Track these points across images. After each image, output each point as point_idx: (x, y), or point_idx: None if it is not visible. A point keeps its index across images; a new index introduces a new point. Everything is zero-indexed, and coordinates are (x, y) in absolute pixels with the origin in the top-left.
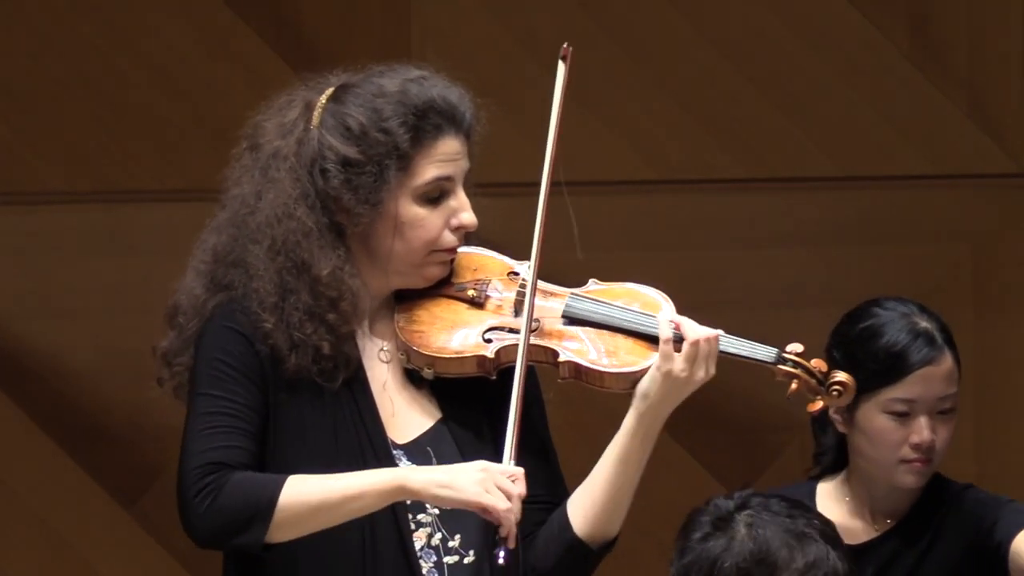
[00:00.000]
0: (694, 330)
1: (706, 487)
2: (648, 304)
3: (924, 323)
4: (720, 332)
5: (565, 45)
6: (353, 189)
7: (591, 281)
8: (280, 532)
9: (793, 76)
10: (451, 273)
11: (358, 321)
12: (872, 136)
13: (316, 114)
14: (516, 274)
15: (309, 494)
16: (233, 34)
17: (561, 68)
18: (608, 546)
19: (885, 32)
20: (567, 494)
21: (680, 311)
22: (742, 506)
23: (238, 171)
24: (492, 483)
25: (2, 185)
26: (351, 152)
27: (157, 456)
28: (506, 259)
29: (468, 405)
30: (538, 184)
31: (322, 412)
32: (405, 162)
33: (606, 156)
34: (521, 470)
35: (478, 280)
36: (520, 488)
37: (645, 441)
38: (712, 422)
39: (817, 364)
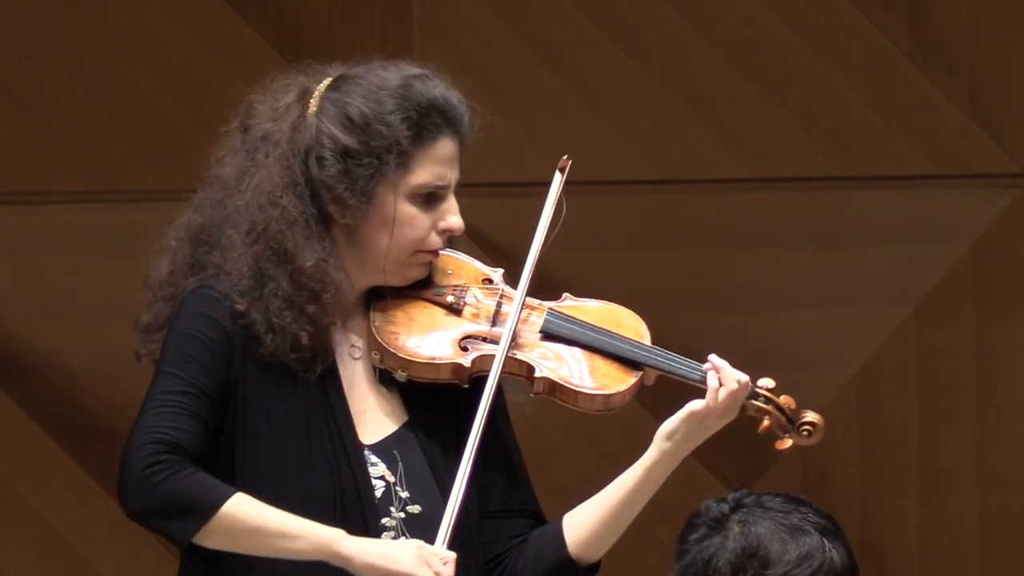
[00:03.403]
0: (731, 377)
1: (707, 487)
2: (625, 327)
3: None
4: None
5: (565, 157)
6: (349, 180)
7: (565, 296)
8: (210, 538)
9: (793, 76)
10: (428, 275)
11: (338, 315)
12: (872, 136)
13: (314, 101)
14: (491, 281)
15: (250, 514)
16: (233, 34)
17: (557, 177)
18: (595, 568)
19: (885, 32)
20: (536, 502)
21: (680, 311)
22: (736, 507)
23: (224, 150)
24: (427, 562)
25: (2, 185)
26: (351, 142)
27: None
28: (480, 265)
29: (435, 410)
30: (535, 182)
31: (294, 401)
32: (404, 159)
33: (606, 156)
34: (453, 555)
35: (457, 286)
36: (450, 572)
37: (660, 477)
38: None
39: (787, 401)
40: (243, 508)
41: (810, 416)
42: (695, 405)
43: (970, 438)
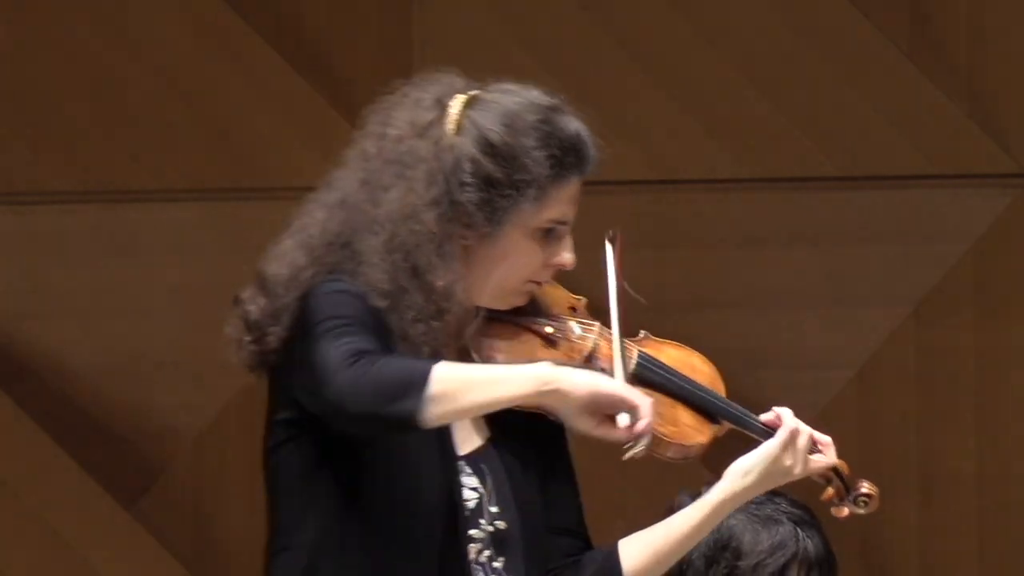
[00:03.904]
0: (817, 434)
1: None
2: (699, 373)
3: None
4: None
5: (611, 233)
6: (487, 207)
7: (643, 334)
8: (435, 406)
9: (793, 76)
10: (529, 302)
11: (455, 335)
12: (872, 136)
13: (453, 119)
14: (575, 310)
15: (457, 371)
16: (233, 34)
17: (609, 250)
18: None
19: (885, 32)
20: (586, 527)
21: (681, 311)
22: None
23: (357, 154)
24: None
25: (2, 185)
26: (494, 171)
27: (157, 456)
28: (565, 291)
29: (514, 431)
30: None
31: None
32: (540, 193)
33: (606, 156)
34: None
35: (555, 317)
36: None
37: (726, 513)
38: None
39: (847, 471)
40: (448, 368)
41: (866, 488)
42: (774, 449)
43: (970, 438)
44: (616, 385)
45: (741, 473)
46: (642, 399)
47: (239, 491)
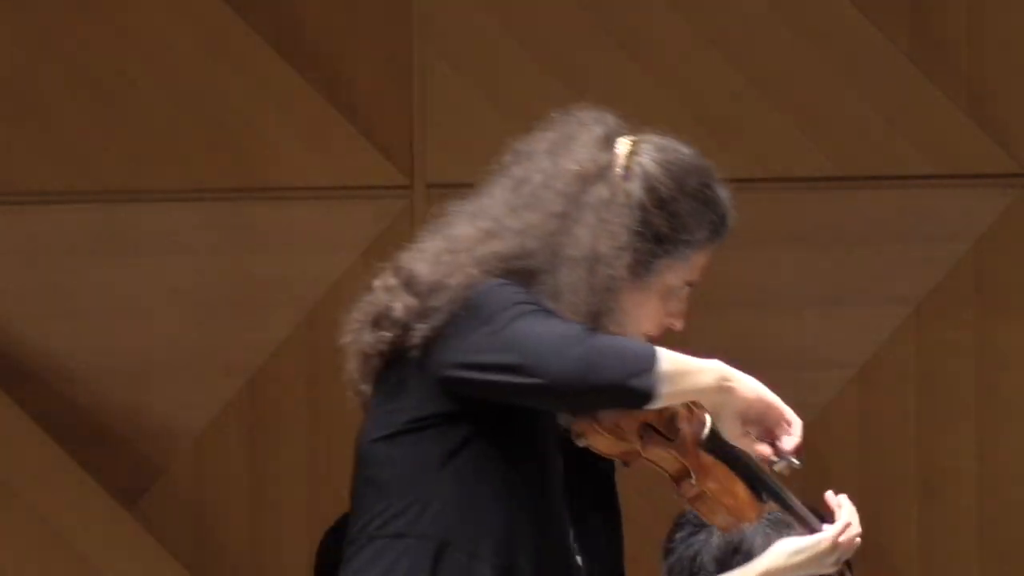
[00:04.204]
0: (853, 535)
1: None
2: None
3: None
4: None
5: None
6: (646, 258)
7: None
8: (666, 384)
9: (793, 76)
10: None
11: None
12: (872, 136)
13: (624, 165)
14: None
15: (667, 353)
16: (233, 34)
17: None
18: None
19: (885, 32)
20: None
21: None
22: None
23: (521, 176)
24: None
25: (2, 185)
26: (661, 225)
27: (158, 456)
28: None
29: (580, 472)
30: None
31: (547, 437)
32: (691, 254)
33: None
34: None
35: None
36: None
37: None
38: None
39: None
40: (664, 352)
41: None
42: (828, 539)
43: (970, 438)
44: (778, 399)
45: (790, 552)
46: (797, 418)
47: (239, 491)
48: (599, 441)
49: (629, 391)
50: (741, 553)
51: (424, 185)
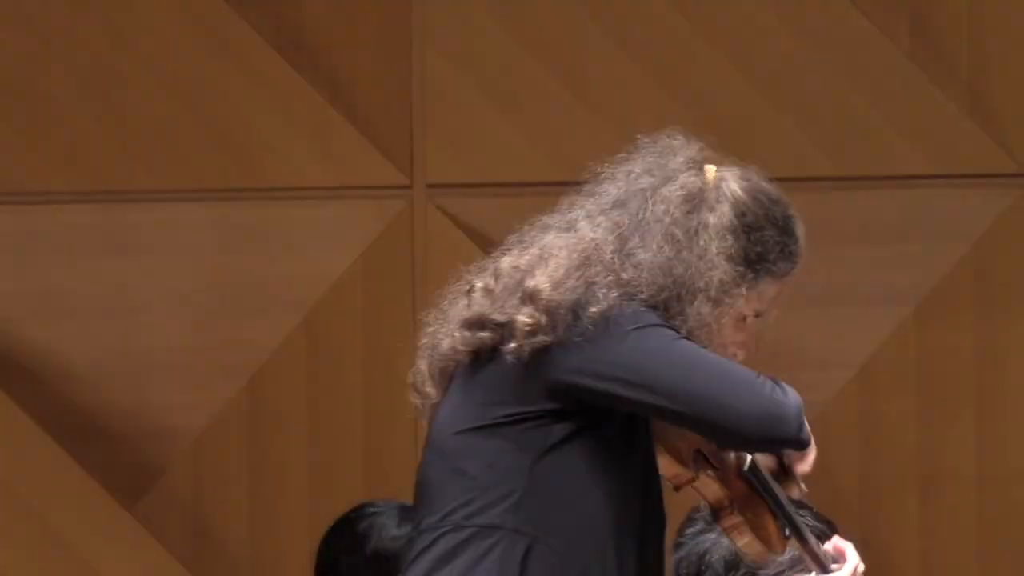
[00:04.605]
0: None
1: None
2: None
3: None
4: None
5: None
6: (732, 282)
7: None
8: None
9: (793, 76)
10: None
11: None
12: (872, 136)
13: (714, 190)
14: None
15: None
16: (233, 34)
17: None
18: None
19: (885, 32)
20: None
21: None
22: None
23: (631, 194)
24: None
25: (2, 185)
26: (750, 250)
27: (158, 456)
28: None
29: None
30: (535, 183)
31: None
32: (765, 284)
33: (607, 156)
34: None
35: None
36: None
37: None
38: None
39: None
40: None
41: None
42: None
43: (970, 438)
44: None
45: None
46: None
47: (239, 491)
48: (662, 463)
49: (797, 442)
50: (747, 563)
51: (424, 185)
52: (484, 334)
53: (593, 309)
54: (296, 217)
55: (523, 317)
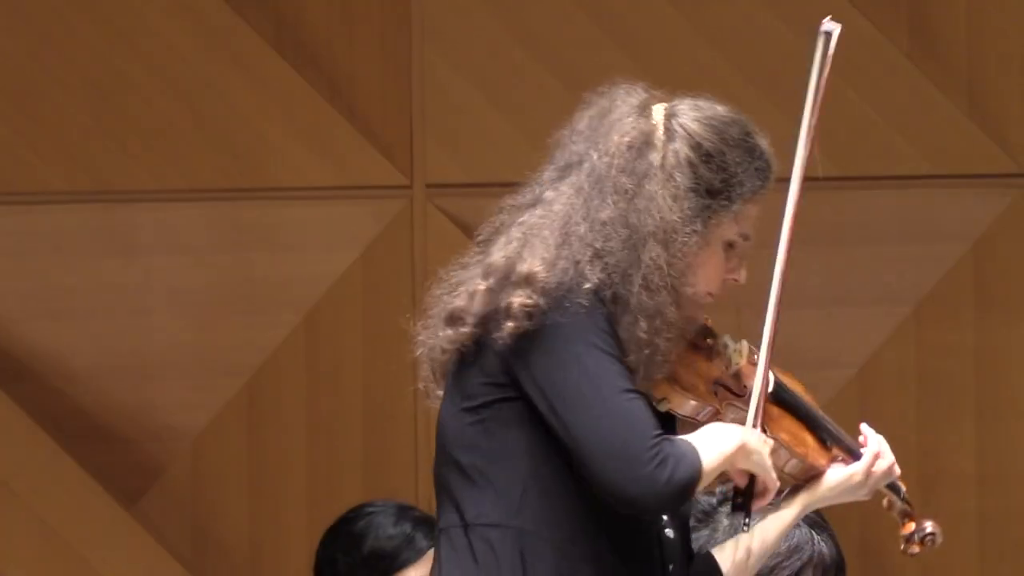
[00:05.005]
0: (889, 452)
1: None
2: (815, 405)
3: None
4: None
5: (829, 20)
6: (703, 214)
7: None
8: (706, 479)
9: (793, 76)
10: None
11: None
12: (872, 136)
13: (665, 128)
14: (711, 335)
15: (711, 451)
16: (233, 34)
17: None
18: None
19: (885, 32)
20: None
21: None
22: (725, 500)
23: (577, 158)
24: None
25: (2, 185)
26: (712, 179)
27: (158, 456)
28: None
29: None
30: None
31: None
32: (743, 205)
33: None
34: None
35: (708, 329)
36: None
37: (803, 515)
38: None
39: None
40: (706, 451)
41: (930, 527)
42: (859, 471)
43: (970, 438)
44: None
45: (828, 487)
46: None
47: (239, 491)
48: (681, 403)
49: (669, 511)
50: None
51: (424, 185)
52: (465, 329)
53: (587, 286)
54: (296, 217)
55: (520, 299)
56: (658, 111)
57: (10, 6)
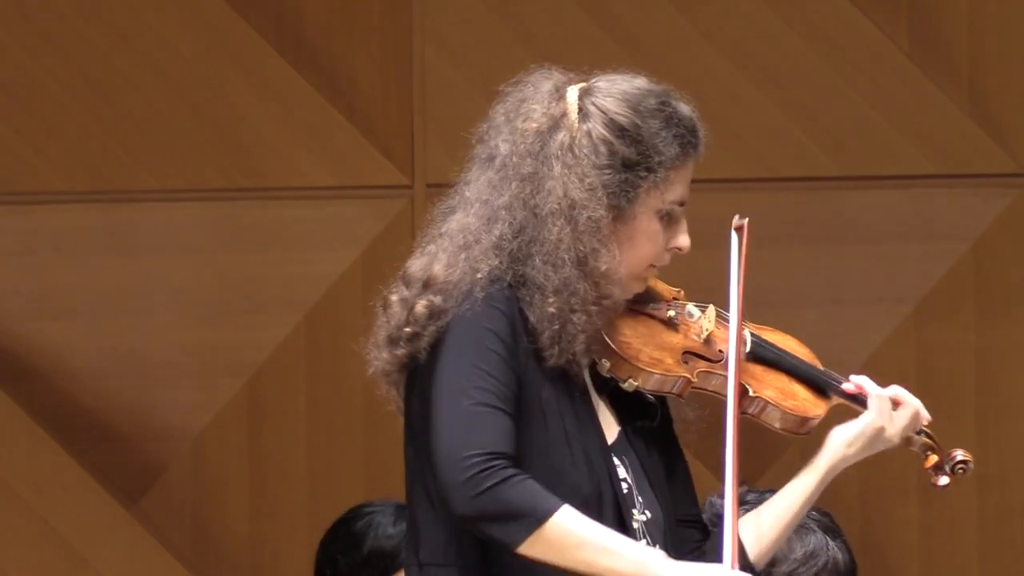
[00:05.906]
0: (910, 397)
1: (709, 486)
2: (801, 353)
3: None
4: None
5: (737, 221)
6: (624, 188)
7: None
8: (536, 547)
9: (793, 76)
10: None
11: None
12: (872, 136)
13: (578, 108)
14: (678, 299)
15: (577, 527)
16: (233, 34)
17: (735, 239)
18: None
19: (885, 32)
20: (700, 513)
21: None
22: (741, 503)
23: (489, 153)
24: None
25: (2, 185)
26: (629, 153)
27: (158, 456)
28: (664, 283)
29: (635, 420)
30: None
31: (557, 397)
32: (667, 174)
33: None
34: None
35: (670, 301)
36: None
37: (829, 480)
38: (715, 422)
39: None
40: (571, 520)
41: (961, 455)
42: (873, 420)
43: (970, 438)
44: None
45: (845, 444)
46: None
47: (239, 491)
48: (646, 378)
49: (481, 530)
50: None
51: (424, 185)
52: (400, 351)
53: (480, 275)
54: (296, 217)
55: (420, 307)
56: (572, 92)
57: (10, 6)
